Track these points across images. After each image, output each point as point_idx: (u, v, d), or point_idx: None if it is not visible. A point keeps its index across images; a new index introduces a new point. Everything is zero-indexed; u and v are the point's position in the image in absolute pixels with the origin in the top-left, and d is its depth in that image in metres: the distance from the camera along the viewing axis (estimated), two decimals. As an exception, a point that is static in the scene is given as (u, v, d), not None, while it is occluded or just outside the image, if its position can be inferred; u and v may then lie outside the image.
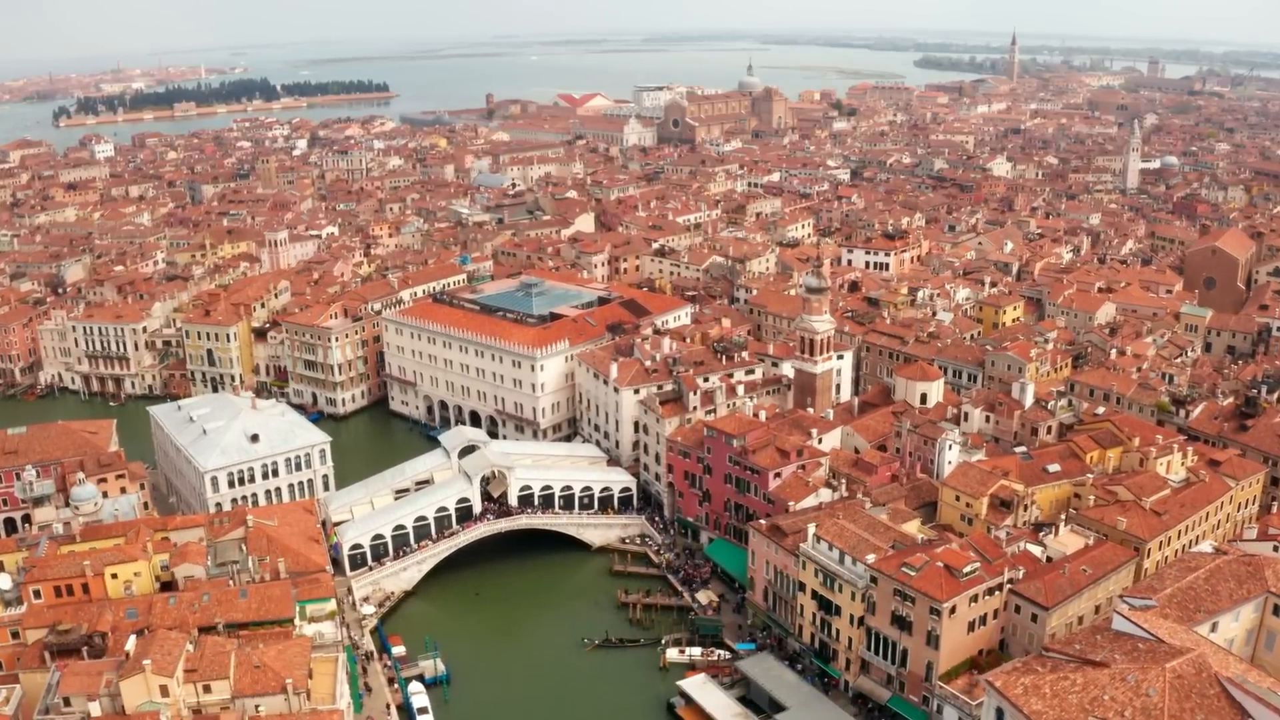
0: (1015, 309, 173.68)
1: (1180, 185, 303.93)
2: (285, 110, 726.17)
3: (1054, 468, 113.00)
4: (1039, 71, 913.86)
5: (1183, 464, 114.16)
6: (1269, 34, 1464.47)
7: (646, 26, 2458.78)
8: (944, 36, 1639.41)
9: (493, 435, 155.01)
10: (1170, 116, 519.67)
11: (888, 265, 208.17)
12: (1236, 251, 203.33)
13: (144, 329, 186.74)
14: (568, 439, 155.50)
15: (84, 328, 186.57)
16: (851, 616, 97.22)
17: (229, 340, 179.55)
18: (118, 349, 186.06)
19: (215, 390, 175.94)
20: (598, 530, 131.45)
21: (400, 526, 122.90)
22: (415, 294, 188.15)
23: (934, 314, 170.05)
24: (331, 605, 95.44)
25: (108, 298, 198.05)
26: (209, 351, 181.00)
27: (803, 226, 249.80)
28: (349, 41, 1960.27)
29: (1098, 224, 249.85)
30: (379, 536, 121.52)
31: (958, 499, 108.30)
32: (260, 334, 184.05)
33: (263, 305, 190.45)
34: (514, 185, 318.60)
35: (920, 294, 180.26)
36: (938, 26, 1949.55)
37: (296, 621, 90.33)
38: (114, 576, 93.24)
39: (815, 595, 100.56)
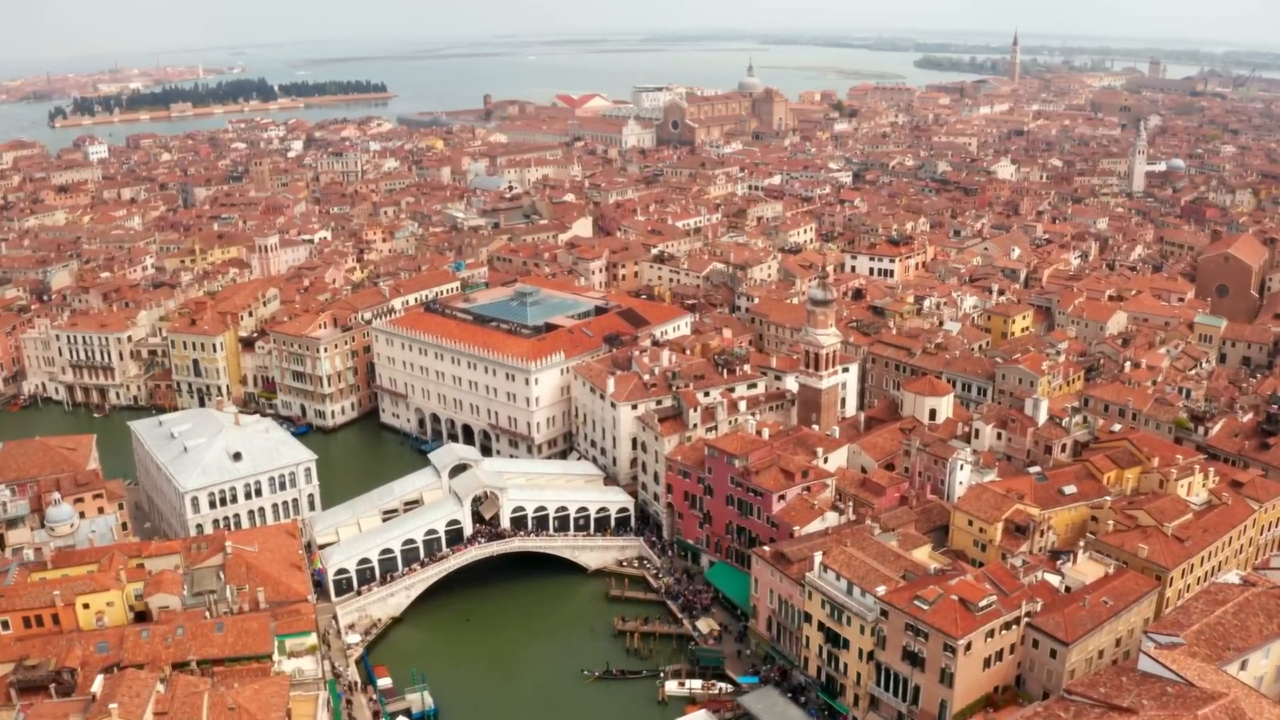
0: (1024, 318, 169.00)
1: (1187, 188, 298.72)
2: (282, 111, 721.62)
3: (1070, 489, 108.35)
4: (1040, 72, 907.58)
5: (1204, 485, 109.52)
6: (1269, 34, 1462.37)
7: (646, 26, 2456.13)
8: (944, 37, 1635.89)
9: (486, 450, 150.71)
10: (1173, 118, 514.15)
11: (892, 272, 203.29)
12: (1249, 258, 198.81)
13: (129, 338, 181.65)
14: (563, 455, 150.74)
15: (68, 336, 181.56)
16: (860, 650, 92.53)
17: (215, 350, 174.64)
18: (102, 359, 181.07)
19: (202, 402, 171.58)
20: (594, 553, 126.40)
21: (388, 550, 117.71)
22: (407, 302, 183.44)
23: (941, 323, 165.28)
24: (312, 639, 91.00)
25: (93, 305, 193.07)
26: (195, 362, 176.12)
27: (805, 231, 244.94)
28: (347, 41, 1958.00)
29: (1105, 229, 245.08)
30: (365, 560, 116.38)
31: (970, 524, 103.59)
32: (248, 344, 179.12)
33: (250, 314, 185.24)
34: (511, 188, 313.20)
35: (927, 302, 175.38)
36: (937, 26, 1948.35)
37: (275, 657, 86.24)
38: (86, 606, 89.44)
39: (822, 627, 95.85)
